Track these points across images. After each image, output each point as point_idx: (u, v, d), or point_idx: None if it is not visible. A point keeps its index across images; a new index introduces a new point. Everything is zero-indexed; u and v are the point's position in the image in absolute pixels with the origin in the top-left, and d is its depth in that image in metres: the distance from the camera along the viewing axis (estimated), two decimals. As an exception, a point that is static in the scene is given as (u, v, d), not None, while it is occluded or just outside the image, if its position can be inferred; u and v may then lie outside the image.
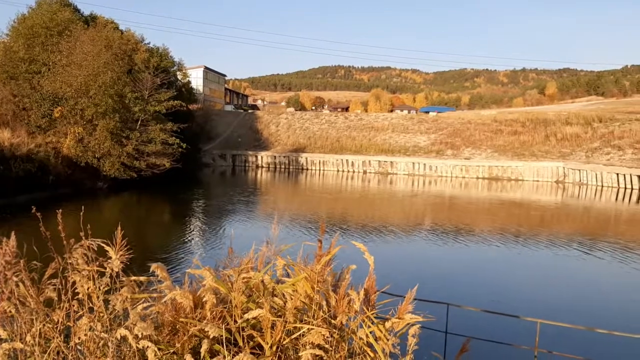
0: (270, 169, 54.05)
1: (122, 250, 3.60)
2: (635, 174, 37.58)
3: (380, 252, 17.90)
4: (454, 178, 46.13)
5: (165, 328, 3.26)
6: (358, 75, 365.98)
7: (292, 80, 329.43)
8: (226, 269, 3.78)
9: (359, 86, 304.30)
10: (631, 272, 16.25)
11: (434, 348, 5.75)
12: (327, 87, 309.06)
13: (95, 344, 3.25)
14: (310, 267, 3.36)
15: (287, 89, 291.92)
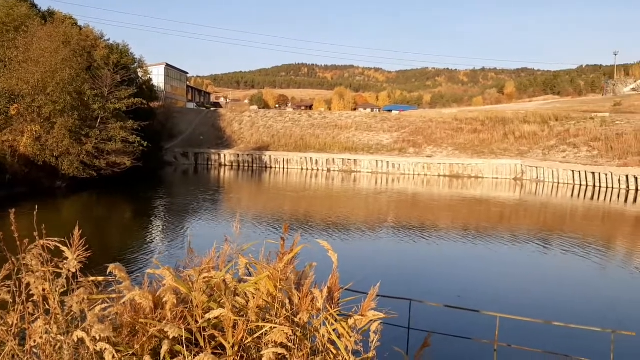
0: (233, 168, 53.65)
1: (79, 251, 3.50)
2: (590, 171, 38.82)
3: (344, 250, 17.99)
4: (417, 176, 46.74)
5: (124, 329, 3.19)
6: (322, 73, 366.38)
7: (255, 78, 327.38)
8: (187, 269, 3.72)
9: (322, 84, 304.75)
10: (586, 266, 16.78)
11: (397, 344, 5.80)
12: (290, 85, 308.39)
13: (52, 346, 3.15)
14: (273, 266, 3.34)
15: (251, 87, 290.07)
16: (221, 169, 52.98)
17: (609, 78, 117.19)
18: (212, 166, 54.60)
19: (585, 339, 9.65)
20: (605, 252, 19.28)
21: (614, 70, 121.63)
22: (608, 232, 24.07)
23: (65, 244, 3.48)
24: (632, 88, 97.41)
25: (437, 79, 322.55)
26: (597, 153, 41.84)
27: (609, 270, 16.78)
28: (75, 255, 3.42)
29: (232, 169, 53.02)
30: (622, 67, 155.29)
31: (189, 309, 3.16)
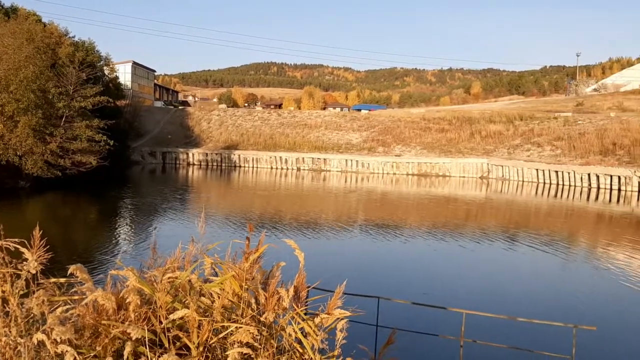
0: (202, 167, 53.15)
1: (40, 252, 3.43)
2: (553, 170, 39.74)
3: (313, 249, 18.02)
4: (385, 174, 47.10)
5: (86, 331, 3.13)
6: (291, 72, 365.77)
7: (224, 76, 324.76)
8: (151, 270, 3.68)
9: (292, 83, 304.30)
10: (550, 262, 17.18)
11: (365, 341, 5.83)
12: (259, 83, 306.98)
13: (12, 349, 3.08)
14: (239, 265, 3.32)
15: (219, 85, 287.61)
16: (189, 168, 52.42)
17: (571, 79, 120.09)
18: (180, 165, 53.98)
19: (549, 334, 9.87)
20: (568, 248, 19.77)
21: (577, 71, 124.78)
22: (571, 229, 24.69)
23: (25, 245, 3.40)
24: (593, 88, 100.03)
25: (406, 79, 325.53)
26: (560, 152, 42.86)
27: (572, 266, 17.21)
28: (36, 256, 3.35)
29: (201, 168, 52.51)
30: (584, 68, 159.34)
31: (152, 310, 3.13)
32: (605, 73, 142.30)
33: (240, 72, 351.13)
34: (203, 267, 3.73)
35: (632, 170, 35.84)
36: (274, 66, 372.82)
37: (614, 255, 18.46)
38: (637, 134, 40.79)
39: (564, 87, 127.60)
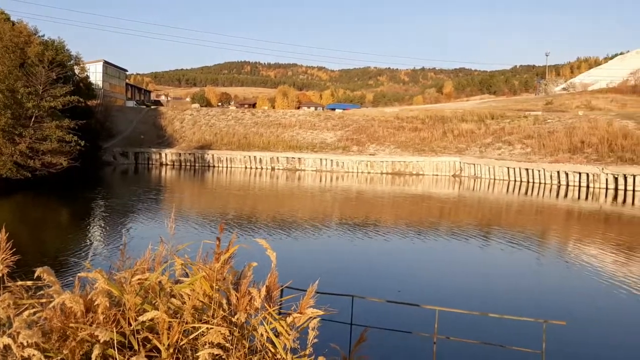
0: (175, 167, 52.60)
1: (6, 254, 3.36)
2: (524, 168, 40.43)
3: (288, 248, 18.00)
4: (360, 173, 47.29)
5: (54, 334, 3.08)
6: (265, 71, 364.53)
7: (197, 75, 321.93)
8: (120, 271, 3.63)
9: (265, 82, 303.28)
10: (521, 258, 17.47)
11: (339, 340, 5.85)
12: (233, 83, 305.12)
13: (-23, 354, 3.01)
14: (209, 266, 3.31)
15: (192, 85, 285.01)
16: (162, 168, 51.83)
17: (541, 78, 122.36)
18: (153, 165, 53.34)
19: (520, 329, 10.01)
20: (538, 245, 20.13)
21: (546, 71, 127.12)
22: (541, 226, 25.14)
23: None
24: (562, 88, 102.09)
25: (379, 78, 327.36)
26: (530, 150, 43.62)
27: (543, 262, 17.53)
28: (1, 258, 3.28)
29: (174, 168, 51.98)
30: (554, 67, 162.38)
31: (122, 312, 3.09)
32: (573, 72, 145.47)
33: (213, 71, 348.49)
34: (173, 268, 3.70)
35: (600, 167, 36.68)
36: (248, 65, 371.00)
37: (583, 251, 18.87)
38: (605, 132, 41.76)
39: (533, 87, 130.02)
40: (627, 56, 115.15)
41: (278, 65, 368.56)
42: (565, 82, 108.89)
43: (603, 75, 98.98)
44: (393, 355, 9.46)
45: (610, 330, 10.98)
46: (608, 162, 37.68)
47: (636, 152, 37.69)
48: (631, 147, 38.53)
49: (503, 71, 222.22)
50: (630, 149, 38.26)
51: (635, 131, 41.58)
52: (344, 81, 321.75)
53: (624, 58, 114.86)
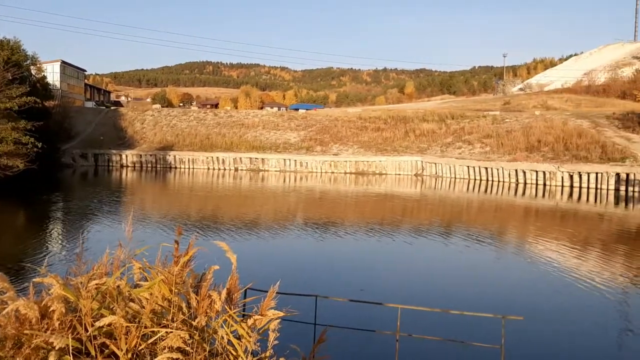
0: (136, 168, 51.66)
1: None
2: (483, 166, 41.27)
3: (251, 250, 17.91)
4: (324, 173, 47.42)
5: (7, 342, 2.99)
6: (227, 71, 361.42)
7: (157, 76, 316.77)
8: (77, 276, 3.56)
9: (228, 83, 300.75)
10: (481, 255, 17.83)
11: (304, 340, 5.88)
12: (195, 83, 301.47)
13: None
14: (168, 269, 3.27)
15: (153, 85, 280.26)
16: (123, 170, 50.83)
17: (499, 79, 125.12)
18: (114, 167, 52.26)
19: (480, 325, 10.22)
20: (498, 242, 20.60)
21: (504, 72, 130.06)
22: (500, 223, 25.73)
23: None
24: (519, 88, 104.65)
25: (342, 79, 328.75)
26: (490, 149, 44.57)
27: (502, 258, 17.94)
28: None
29: (135, 169, 51.05)
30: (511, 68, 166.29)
31: (78, 318, 3.03)
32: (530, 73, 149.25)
33: (174, 71, 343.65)
34: (132, 272, 3.65)
35: (556, 165, 37.76)
36: (210, 65, 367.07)
37: (541, 247, 19.39)
38: (560, 131, 43.01)
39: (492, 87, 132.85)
40: (581, 57, 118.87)
41: (240, 66, 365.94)
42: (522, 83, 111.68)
43: (558, 75, 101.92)
44: (356, 354, 9.53)
45: (566, 324, 11.30)
46: (564, 160, 38.83)
47: (590, 150, 38.95)
48: (585, 145, 39.80)
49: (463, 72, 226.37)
50: (585, 148, 39.52)
51: (589, 130, 42.98)
52: (307, 81, 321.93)
53: (578, 59, 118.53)
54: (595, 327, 11.12)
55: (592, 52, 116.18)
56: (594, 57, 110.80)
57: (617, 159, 36.95)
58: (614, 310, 12.42)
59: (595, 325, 11.26)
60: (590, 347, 10.13)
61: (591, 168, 36.18)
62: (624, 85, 71.18)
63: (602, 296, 13.01)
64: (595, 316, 11.78)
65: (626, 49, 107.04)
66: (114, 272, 3.57)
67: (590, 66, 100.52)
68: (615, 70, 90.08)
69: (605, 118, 46.70)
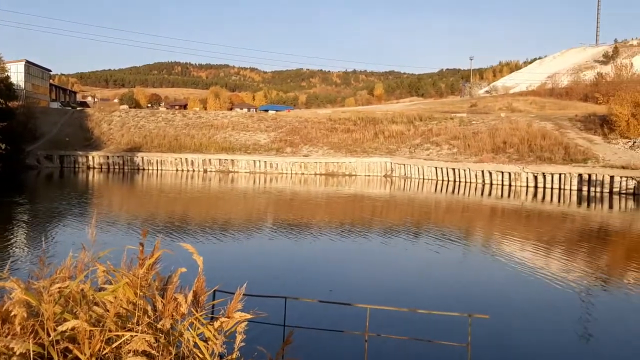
0: (103, 170, 50.73)
1: None
2: (451, 167, 41.86)
3: (221, 251, 17.79)
4: (294, 175, 47.39)
5: (-33, 349, 2.92)
6: (196, 72, 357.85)
7: (125, 76, 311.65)
8: (40, 280, 3.50)
9: (197, 83, 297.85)
10: (448, 255, 18.08)
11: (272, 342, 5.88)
12: (163, 83, 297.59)
13: None
14: (133, 272, 3.25)
15: (120, 86, 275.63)
16: (89, 171, 49.87)
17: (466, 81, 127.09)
18: (80, 169, 51.22)
19: (447, 324, 10.35)
20: (465, 241, 20.92)
21: (470, 74, 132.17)
22: (467, 223, 26.13)
23: None
24: (485, 90, 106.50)
25: (312, 80, 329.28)
26: (457, 150, 45.23)
27: (469, 258, 18.23)
28: None
29: (102, 171, 50.13)
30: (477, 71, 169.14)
31: (40, 322, 2.98)
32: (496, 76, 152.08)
33: (142, 71, 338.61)
34: (96, 275, 3.60)
35: (521, 166, 38.56)
36: (178, 66, 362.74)
37: (506, 246, 19.78)
38: (525, 133, 43.93)
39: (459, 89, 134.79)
40: (545, 60, 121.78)
41: (210, 66, 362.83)
42: (488, 85, 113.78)
43: (523, 78, 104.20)
44: (325, 354, 9.57)
45: (531, 321, 11.54)
46: (528, 161, 39.68)
47: (554, 151, 39.89)
48: (549, 147, 40.75)
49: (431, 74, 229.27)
50: (549, 149, 40.46)
51: (552, 132, 44.02)
52: (276, 82, 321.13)
53: (542, 62, 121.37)
54: (559, 324, 11.38)
55: (555, 55, 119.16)
56: (557, 60, 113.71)
57: (580, 160, 37.94)
58: (578, 308, 12.76)
59: (559, 322, 11.53)
60: (555, 344, 10.36)
61: (555, 169, 37.06)
62: (586, 88, 73.05)
63: (566, 294, 13.34)
64: (560, 313, 12.07)
65: (588, 53, 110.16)
66: (77, 276, 3.51)
67: (553, 69, 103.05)
68: (578, 73, 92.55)
69: (568, 120, 47.89)
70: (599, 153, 38.76)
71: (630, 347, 10.18)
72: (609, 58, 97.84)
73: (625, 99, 42.57)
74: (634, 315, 12.16)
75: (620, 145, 40.33)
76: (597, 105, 52.51)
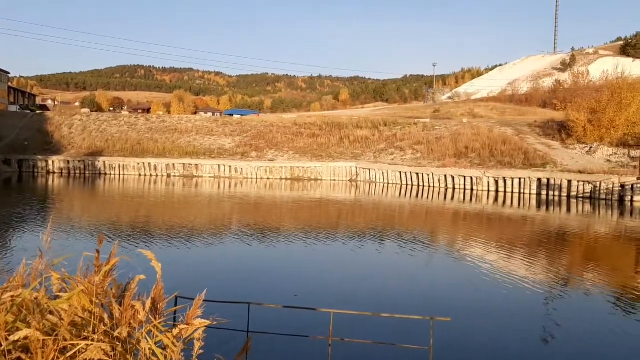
0: (63, 175, 49.49)
1: None
2: (414, 172, 42.39)
3: (184, 258, 17.57)
4: (259, 179, 47.19)
5: None
6: (160, 75, 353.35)
7: (87, 79, 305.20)
8: (-9, 289, 3.40)
9: (161, 87, 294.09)
10: (411, 258, 18.28)
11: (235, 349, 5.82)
12: (126, 87, 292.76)
13: None
14: (89, 279, 3.19)
15: (82, 89, 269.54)
16: (49, 176, 48.58)
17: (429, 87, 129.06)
18: (39, 174, 49.84)
19: (410, 327, 10.45)
20: (429, 244, 21.19)
21: (434, 80, 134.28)
22: (430, 227, 26.50)
23: None
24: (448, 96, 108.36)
25: (277, 85, 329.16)
26: (420, 155, 45.84)
27: (432, 261, 18.48)
28: None
29: (62, 176, 48.91)
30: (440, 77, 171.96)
31: (-9, 333, 2.90)
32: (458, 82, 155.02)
33: (104, 74, 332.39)
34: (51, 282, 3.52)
35: (482, 171, 39.33)
36: (142, 69, 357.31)
37: (468, 250, 20.13)
38: (486, 138, 44.85)
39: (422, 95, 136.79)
40: (505, 67, 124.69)
41: (174, 70, 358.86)
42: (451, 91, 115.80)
43: (484, 85, 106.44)
44: (289, 360, 9.55)
45: (493, 323, 11.76)
46: (489, 166, 40.51)
47: (514, 156, 40.85)
48: (509, 152, 41.72)
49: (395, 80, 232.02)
50: (509, 154, 41.41)
51: (513, 137, 45.07)
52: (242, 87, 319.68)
53: (502, 69, 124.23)
54: (521, 326, 11.63)
55: (515, 62, 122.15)
56: (517, 67, 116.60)
57: (539, 164, 38.96)
58: (539, 309, 13.06)
59: (521, 323, 11.79)
60: (517, 345, 10.58)
61: (515, 173, 37.93)
62: (544, 95, 75.14)
63: (527, 296, 13.65)
64: (521, 315, 12.33)
65: (547, 61, 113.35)
66: (31, 283, 3.43)
67: (514, 76, 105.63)
68: (537, 80, 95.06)
69: (527, 126, 49.12)
70: (557, 158, 39.88)
71: (590, 347, 10.48)
72: (566, 66, 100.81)
73: (581, 106, 43.96)
74: (593, 315, 12.52)
75: (577, 150, 41.60)
76: (555, 111, 54.05)
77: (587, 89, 60.00)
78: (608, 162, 38.54)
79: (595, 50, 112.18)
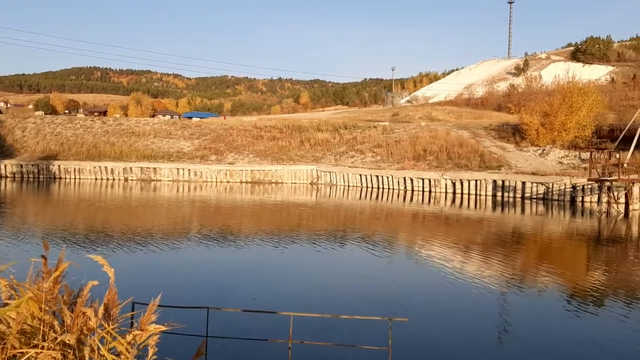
0: (16, 179, 47.89)
1: None
2: (374, 175, 42.81)
3: (140, 262, 17.29)
4: (219, 183, 46.76)
5: None
6: (116, 78, 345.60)
7: (40, 81, 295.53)
8: None
9: (117, 89, 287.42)
10: (371, 260, 18.46)
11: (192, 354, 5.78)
12: (82, 89, 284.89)
13: None
14: (37, 286, 3.13)
15: (35, 91, 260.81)
16: (1, 180, 46.93)
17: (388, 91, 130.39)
18: (-11, 178, 48.11)
19: (369, 328, 10.56)
20: (387, 246, 21.43)
21: (392, 84, 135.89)
22: (390, 229, 26.80)
23: None
24: (407, 100, 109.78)
25: (237, 87, 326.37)
26: (380, 158, 46.32)
27: (391, 262, 18.69)
28: None
29: (15, 180, 47.31)
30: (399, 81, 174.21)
31: None
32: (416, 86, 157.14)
33: (59, 76, 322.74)
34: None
35: (440, 173, 40.04)
36: (98, 71, 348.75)
37: (426, 250, 20.47)
38: (444, 141, 45.69)
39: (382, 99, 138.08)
40: (461, 72, 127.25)
41: (131, 72, 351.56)
42: (409, 95, 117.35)
43: (441, 89, 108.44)
44: (248, 364, 9.52)
45: (450, 322, 11.99)
46: (447, 168, 41.28)
47: (470, 159, 41.76)
48: (466, 154, 42.62)
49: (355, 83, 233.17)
50: (465, 157, 42.31)
51: (469, 140, 46.06)
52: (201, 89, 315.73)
53: (458, 74, 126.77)
54: (478, 325, 11.88)
55: (471, 67, 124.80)
56: (473, 72, 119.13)
57: (494, 166, 39.94)
58: (496, 308, 13.39)
59: (478, 322, 12.05)
60: (474, 344, 10.79)
61: (471, 175, 38.77)
62: (499, 99, 76.90)
63: (484, 295, 13.97)
64: (478, 314, 12.61)
65: (501, 65, 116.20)
66: (-22, 292, 3.34)
67: (470, 80, 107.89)
68: (492, 84, 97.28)
69: (483, 129, 50.27)
70: (511, 160, 40.96)
71: (546, 344, 10.78)
72: (520, 70, 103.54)
73: (534, 109, 45.31)
74: (548, 312, 12.89)
75: (530, 152, 42.84)
76: (509, 114, 55.36)
77: (540, 93, 61.68)
78: (560, 164, 39.83)
79: (548, 55, 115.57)
